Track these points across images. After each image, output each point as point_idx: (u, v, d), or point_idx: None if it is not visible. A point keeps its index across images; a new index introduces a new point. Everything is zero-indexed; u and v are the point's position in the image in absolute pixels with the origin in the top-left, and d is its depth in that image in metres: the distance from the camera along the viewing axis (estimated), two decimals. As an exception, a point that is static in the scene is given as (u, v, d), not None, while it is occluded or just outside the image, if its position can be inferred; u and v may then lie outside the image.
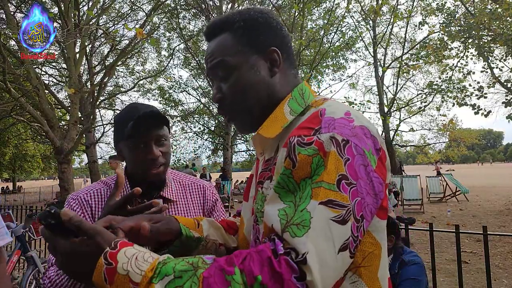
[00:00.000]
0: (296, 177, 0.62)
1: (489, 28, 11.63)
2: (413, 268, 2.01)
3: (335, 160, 0.61)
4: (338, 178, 0.60)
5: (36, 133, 18.47)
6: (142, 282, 0.55)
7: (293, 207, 0.60)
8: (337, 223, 0.57)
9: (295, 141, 0.64)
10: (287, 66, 0.81)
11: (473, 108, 11.74)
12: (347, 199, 0.59)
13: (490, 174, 31.89)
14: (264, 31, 0.80)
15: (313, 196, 0.59)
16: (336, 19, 14.33)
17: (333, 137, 0.62)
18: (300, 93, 0.78)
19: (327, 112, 0.67)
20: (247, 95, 0.78)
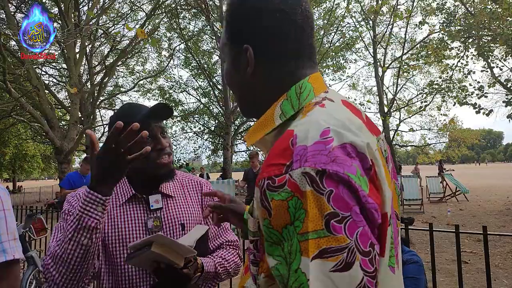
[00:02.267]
0: (276, 226, 0.53)
1: (489, 28, 11.64)
2: (411, 267, 2.01)
3: (314, 200, 0.50)
4: (326, 220, 0.50)
5: (36, 133, 18.48)
6: None
7: (284, 264, 0.52)
8: (340, 272, 0.49)
9: (265, 186, 0.54)
10: (271, 63, 0.68)
11: (474, 108, 11.74)
12: (344, 239, 0.49)
13: (485, 174, 31.90)
14: (243, 20, 0.68)
15: (303, 252, 0.50)
16: (336, 19, 14.34)
17: (305, 173, 0.51)
18: (297, 92, 0.66)
19: (298, 140, 0.55)
20: (230, 85, 0.75)
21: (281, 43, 0.67)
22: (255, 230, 0.61)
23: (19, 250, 1.04)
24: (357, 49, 19.79)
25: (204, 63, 17.91)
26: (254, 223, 0.61)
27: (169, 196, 1.25)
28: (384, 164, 0.60)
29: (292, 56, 0.68)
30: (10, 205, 1.13)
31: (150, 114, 1.16)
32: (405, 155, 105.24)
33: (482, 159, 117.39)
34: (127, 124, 1.16)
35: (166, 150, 1.20)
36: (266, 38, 0.67)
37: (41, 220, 4.01)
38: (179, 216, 1.25)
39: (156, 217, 1.20)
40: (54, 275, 0.98)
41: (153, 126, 1.17)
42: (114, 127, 0.91)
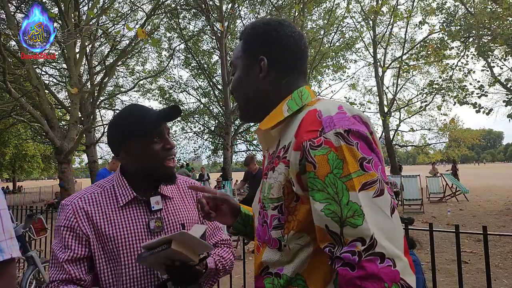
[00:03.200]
0: (320, 176, 0.72)
1: (489, 28, 11.63)
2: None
3: (348, 150, 0.71)
4: (360, 162, 0.71)
5: (36, 133, 18.47)
6: None
7: (334, 203, 0.70)
8: (379, 196, 0.70)
9: (308, 146, 0.74)
10: (280, 72, 0.91)
11: (474, 107, 11.74)
12: (374, 174, 0.71)
13: (484, 174, 31.87)
14: (259, 41, 0.92)
15: (349, 188, 0.69)
16: (336, 19, 14.33)
17: (338, 133, 0.73)
18: (299, 95, 0.89)
19: (323, 113, 0.77)
20: (239, 91, 0.96)
21: (289, 59, 0.92)
22: (280, 195, 0.81)
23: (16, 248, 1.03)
24: (357, 49, 19.79)
25: (204, 63, 17.90)
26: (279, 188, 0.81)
27: (167, 197, 1.27)
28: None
29: (295, 71, 0.93)
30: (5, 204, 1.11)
31: (165, 115, 1.20)
32: (405, 155, 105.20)
33: (482, 159, 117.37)
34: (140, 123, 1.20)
35: (173, 151, 1.23)
36: (279, 54, 0.91)
37: (41, 220, 4.01)
38: (179, 216, 1.27)
39: (157, 218, 1.21)
40: None
41: (163, 126, 1.21)
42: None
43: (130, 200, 1.20)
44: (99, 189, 1.23)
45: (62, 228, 1.15)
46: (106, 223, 1.15)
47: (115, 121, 1.25)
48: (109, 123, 1.29)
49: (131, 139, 1.19)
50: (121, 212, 1.18)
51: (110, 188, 1.22)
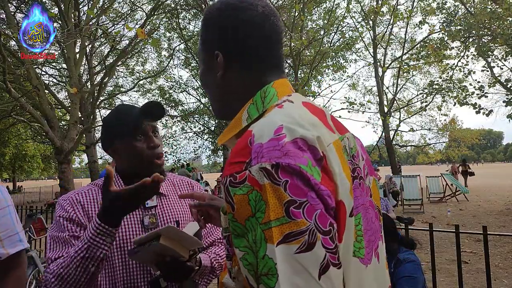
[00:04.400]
0: (239, 219, 0.58)
1: (489, 28, 11.63)
2: (408, 266, 2.01)
3: (273, 191, 0.55)
4: (285, 207, 0.55)
5: (36, 133, 18.46)
6: None
7: (251, 253, 0.57)
8: (304, 252, 0.54)
9: (228, 183, 0.59)
10: (241, 68, 0.75)
11: (474, 108, 11.74)
12: (304, 222, 0.54)
13: (484, 174, 31.89)
14: (212, 31, 0.76)
15: (268, 239, 0.55)
16: (336, 19, 14.33)
17: (262, 168, 0.56)
18: (262, 96, 0.72)
19: (255, 138, 0.60)
20: (204, 87, 0.82)
21: (250, 52, 0.74)
22: (226, 226, 0.64)
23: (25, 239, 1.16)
24: (357, 49, 19.77)
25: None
26: (225, 219, 0.63)
27: (162, 195, 1.28)
28: (343, 159, 0.65)
29: (259, 64, 0.75)
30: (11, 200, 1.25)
31: (143, 112, 1.18)
32: (405, 155, 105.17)
33: (482, 159, 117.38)
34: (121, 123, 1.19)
35: (159, 149, 1.22)
36: (236, 47, 0.74)
37: (41, 220, 4.02)
38: (173, 213, 1.28)
39: (151, 214, 1.23)
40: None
41: (145, 124, 1.20)
42: (143, 182, 0.99)
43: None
44: (94, 187, 1.25)
45: (59, 218, 1.16)
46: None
47: (103, 122, 1.28)
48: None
49: (116, 139, 1.21)
50: None
51: None
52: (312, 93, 17.29)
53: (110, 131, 1.23)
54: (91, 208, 1.18)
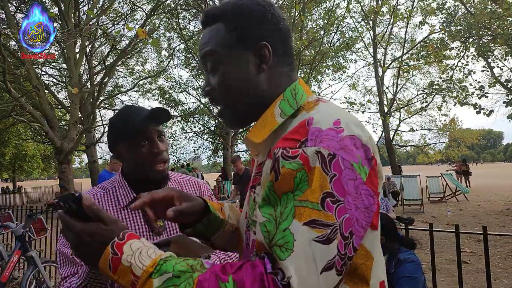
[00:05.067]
0: (278, 190, 0.60)
1: (489, 28, 11.63)
2: (408, 266, 2.01)
3: (319, 177, 0.58)
4: (323, 197, 0.57)
5: (36, 133, 18.47)
6: (142, 276, 0.58)
7: (273, 222, 0.59)
8: (321, 243, 0.56)
9: (280, 154, 0.61)
10: (279, 63, 0.76)
11: (474, 108, 11.73)
12: (332, 218, 0.57)
13: (484, 174, 31.89)
14: (256, 24, 0.74)
15: (296, 216, 0.57)
16: (336, 19, 14.32)
17: (319, 152, 0.59)
18: (292, 94, 0.74)
19: (314, 122, 0.63)
20: (231, 90, 0.75)
21: (285, 45, 0.77)
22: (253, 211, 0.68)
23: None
24: (357, 49, 19.78)
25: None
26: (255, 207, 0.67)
27: None
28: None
29: (290, 58, 0.78)
30: None
31: (149, 117, 1.16)
32: (405, 155, 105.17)
33: (482, 159, 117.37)
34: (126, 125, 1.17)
35: (163, 155, 1.18)
36: (276, 39, 0.75)
37: (41, 220, 4.01)
38: None
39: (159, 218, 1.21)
40: None
41: (150, 129, 1.17)
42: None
43: (131, 201, 1.19)
44: (101, 190, 1.23)
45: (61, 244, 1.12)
46: None
47: (110, 122, 1.26)
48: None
49: (120, 142, 1.20)
50: (122, 213, 1.18)
51: (112, 190, 1.23)
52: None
53: (114, 133, 1.22)
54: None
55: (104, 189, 1.23)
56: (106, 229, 0.64)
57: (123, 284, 0.60)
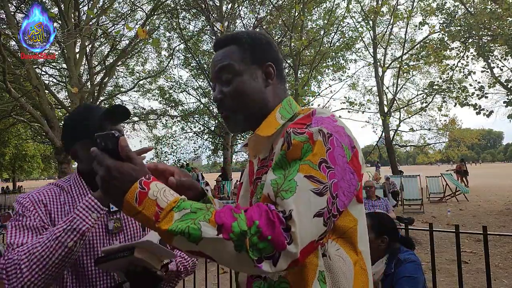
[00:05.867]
0: (289, 157, 0.78)
1: (489, 28, 11.63)
2: (409, 266, 2.01)
3: (320, 147, 0.77)
4: (320, 161, 0.75)
5: (36, 133, 18.47)
6: (166, 208, 0.70)
7: (282, 178, 0.75)
8: (315, 194, 0.73)
9: (291, 131, 0.79)
10: (278, 81, 0.97)
11: (474, 108, 11.73)
12: (325, 178, 0.74)
13: (484, 174, 31.88)
14: (265, 48, 0.96)
15: (300, 170, 0.75)
16: (336, 19, 14.32)
17: (321, 130, 0.78)
18: (288, 104, 0.95)
19: (317, 113, 0.84)
20: (245, 98, 0.93)
21: (282, 68, 1.00)
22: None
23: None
24: (357, 49, 19.76)
25: (204, 63, 17.89)
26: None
27: None
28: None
29: (284, 79, 1.01)
30: None
31: (106, 116, 1.14)
32: (405, 155, 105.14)
33: (482, 159, 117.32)
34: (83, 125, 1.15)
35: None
36: (277, 63, 0.97)
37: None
38: None
39: (116, 219, 1.19)
40: (24, 272, 0.94)
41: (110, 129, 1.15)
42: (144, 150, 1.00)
43: None
44: (56, 187, 1.20)
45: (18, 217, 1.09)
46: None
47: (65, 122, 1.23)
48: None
49: (76, 142, 1.18)
50: None
51: (67, 188, 1.20)
52: (312, 93, 17.28)
53: (70, 132, 1.20)
54: (53, 210, 1.13)
55: (60, 187, 1.20)
56: (135, 168, 0.75)
57: (146, 215, 0.70)
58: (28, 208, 1.09)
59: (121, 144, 0.75)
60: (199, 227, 0.68)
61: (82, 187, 1.20)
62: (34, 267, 0.95)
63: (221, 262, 0.71)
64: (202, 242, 0.67)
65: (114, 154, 0.75)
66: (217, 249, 0.68)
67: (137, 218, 0.72)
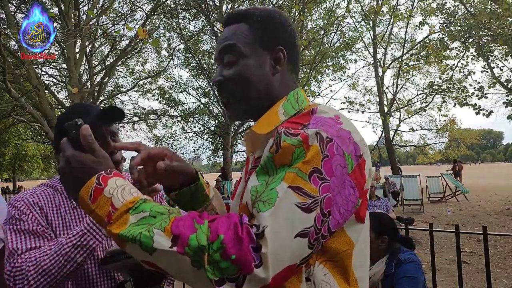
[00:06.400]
0: (277, 162, 0.66)
1: (489, 28, 11.63)
2: (409, 266, 2.01)
3: (315, 153, 0.64)
4: (312, 170, 0.63)
5: (36, 133, 18.46)
6: (120, 209, 0.62)
7: (264, 185, 0.64)
8: (301, 210, 0.60)
9: (282, 131, 0.67)
10: (288, 68, 0.85)
11: (474, 108, 11.73)
12: (316, 191, 0.62)
13: (483, 175, 31.87)
14: (277, 30, 0.84)
15: (285, 179, 0.62)
16: (336, 19, 14.32)
17: (319, 133, 0.66)
18: (295, 97, 0.82)
19: (318, 111, 0.72)
20: (247, 85, 0.81)
21: (296, 56, 0.87)
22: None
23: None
24: (357, 49, 19.77)
25: (204, 63, 17.90)
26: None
27: None
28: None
29: (297, 67, 0.88)
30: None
31: (100, 116, 1.11)
32: (405, 155, 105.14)
33: (482, 159, 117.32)
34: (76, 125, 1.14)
35: (115, 156, 1.14)
36: (290, 47, 0.84)
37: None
38: None
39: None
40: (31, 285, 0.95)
41: (103, 128, 1.13)
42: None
43: None
44: (48, 188, 1.17)
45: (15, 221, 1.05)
46: (60, 222, 1.11)
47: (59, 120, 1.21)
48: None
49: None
50: (75, 213, 1.14)
51: (61, 188, 1.17)
52: (312, 93, 17.28)
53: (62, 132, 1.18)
54: (50, 212, 1.10)
55: (53, 187, 1.17)
56: (95, 160, 0.67)
57: (99, 215, 0.62)
58: (24, 211, 1.07)
59: (82, 132, 0.68)
60: (152, 235, 0.58)
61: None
62: (42, 281, 0.95)
63: (178, 278, 0.62)
64: (156, 253, 0.58)
65: (78, 144, 0.69)
66: (172, 263, 0.58)
67: (92, 217, 0.64)
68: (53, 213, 1.11)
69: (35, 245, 1.02)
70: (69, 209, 1.14)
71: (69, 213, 1.13)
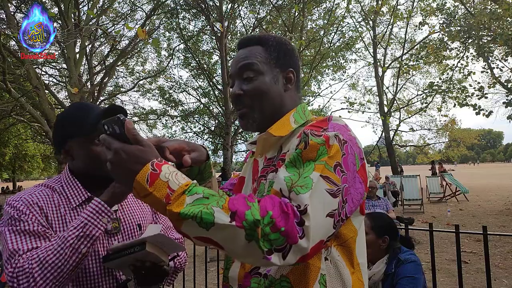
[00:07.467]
0: (304, 157, 0.79)
1: (489, 28, 11.63)
2: (409, 266, 2.01)
3: (336, 151, 0.79)
4: (335, 164, 0.77)
5: (36, 133, 18.46)
6: (177, 190, 0.69)
7: (297, 175, 0.76)
8: (329, 195, 0.74)
9: (309, 132, 0.82)
10: (296, 88, 1.02)
11: (474, 109, 11.72)
12: (339, 181, 0.76)
13: (483, 174, 31.87)
14: (289, 54, 1.00)
15: (316, 169, 0.76)
16: (336, 19, 14.32)
17: (337, 136, 0.81)
18: (302, 110, 0.99)
19: (333, 119, 0.88)
20: (264, 98, 0.95)
21: (299, 77, 1.03)
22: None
23: None
24: (357, 49, 19.76)
25: (204, 63, 17.89)
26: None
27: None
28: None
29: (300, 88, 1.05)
30: None
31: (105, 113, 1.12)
32: (405, 155, 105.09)
33: (482, 159, 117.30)
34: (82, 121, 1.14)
35: None
36: (297, 70, 1.01)
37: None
38: (135, 216, 1.24)
39: (114, 219, 1.17)
40: (38, 281, 0.94)
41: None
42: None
43: (84, 201, 1.15)
44: (46, 189, 1.16)
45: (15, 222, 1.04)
46: (60, 223, 1.10)
47: (60, 118, 1.21)
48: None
49: (75, 137, 1.16)
50: (75, 213, 1.13)
51: (59, 189, 1.16)
52: (312, 93, 17.28)
53: (64, 130, 1.17)
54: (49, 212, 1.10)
55: (50, 188, 1.16)
56: (143, 150, 0.74)
57: (156, 197, 0.69)
58: (24, 211, 1.05)
59: (127, 126, 0.74)
60: (212, 212, 0.66)
61: (76, 187, 1.17)
62: (49, 275, 0.95)
63: (229, 250, 0.70)
64: (214, 228, 0.66)
65: (122, 137, 0.74)
66: (227, 237, 0.67)
67: (146, 200, 0.71)
68: (53, 214, 1.10)
69: (37, 245, 1.02)
70: (69, 209, 1.13)
71: (68, 214, 1.13)
